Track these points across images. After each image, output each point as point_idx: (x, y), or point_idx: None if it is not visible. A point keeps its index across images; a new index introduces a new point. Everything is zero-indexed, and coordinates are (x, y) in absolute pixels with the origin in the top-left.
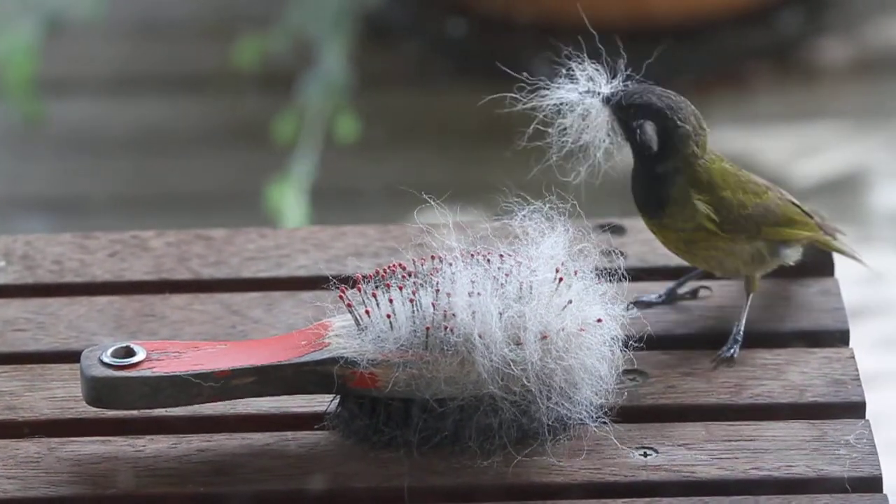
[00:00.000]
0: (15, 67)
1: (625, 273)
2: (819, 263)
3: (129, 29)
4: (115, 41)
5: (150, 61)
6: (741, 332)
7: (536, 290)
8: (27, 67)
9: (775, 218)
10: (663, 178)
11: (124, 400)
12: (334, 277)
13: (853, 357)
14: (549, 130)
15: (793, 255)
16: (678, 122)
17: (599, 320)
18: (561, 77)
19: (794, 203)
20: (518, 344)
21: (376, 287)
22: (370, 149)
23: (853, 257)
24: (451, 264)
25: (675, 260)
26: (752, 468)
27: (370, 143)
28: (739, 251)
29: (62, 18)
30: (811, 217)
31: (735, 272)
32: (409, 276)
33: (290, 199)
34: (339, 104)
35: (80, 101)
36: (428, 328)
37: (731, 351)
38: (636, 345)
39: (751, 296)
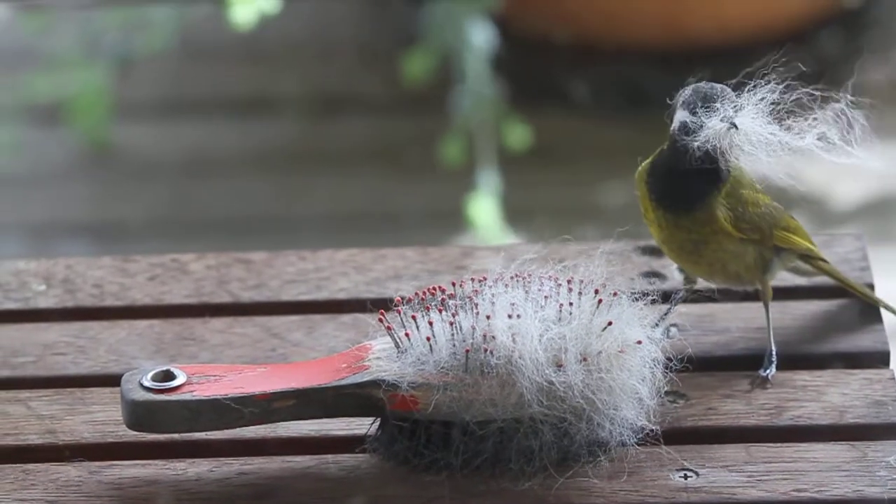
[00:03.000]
0: (85, 105)
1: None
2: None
3: (172, 54)
4: (159, 67)
5: (194, 86)
6: (773, 352)
7: (576, 311)
8: (99, 105)
9: (783, 222)
10: (702, 177)
11: (165, 423)
12: (374, 300)
13: (894, 378)
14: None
15: (787, 265)
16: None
17: (639, 342)
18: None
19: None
20: (559, 366)
21: (416, 310)
22: (408, 171)
23: (867, 296)
24: (490, 287)
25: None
26: (793, 490)
27: (409, 164)
28: (744, 254)
29: (132, 55)
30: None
31: (736, 278)
32: (449, 298)
33: (489, 215)
34: (500, 115)
35: (124, 125)
36: (467, 350)
37: (768, 372)
38: (676, 366)
39: (770, 309)
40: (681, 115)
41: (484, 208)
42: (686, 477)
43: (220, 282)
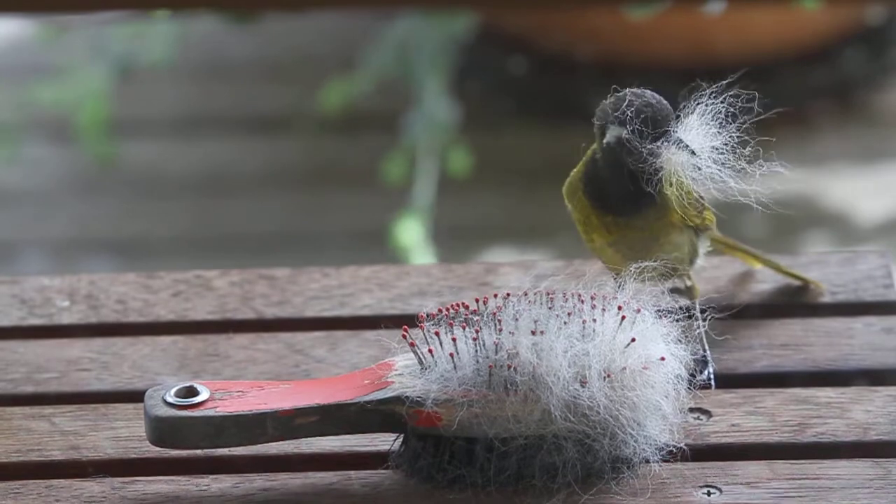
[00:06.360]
0: (87, 113)
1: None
2: (882, 302)
3: (192, 71)
4: (178, 83)
5: (214, 103)
6: (709, 355)
7: (600, 328)
8: (99, 112)
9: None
10: (641, 176)
11: (188, 439)
12: (398, 317)
13: None
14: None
15: (706, 249)
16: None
17: (663, 358)
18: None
19: None
20: (582, 382)
21: (439, 326)
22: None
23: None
24: (513, 303)
25: (737, 296)
26: None
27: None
28: (684, 243)
29: (133, 64)
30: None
31: (671, 272)
32: (472, 314)
33: (416, 236)
34: (447, 141)
35: (146, 142)
36: (491, 367)
37: (707, 372)
38: (700, 383)
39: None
40: (617, 131)
41: (410, 228)
42: (709, 494)
43: (244, 298)
